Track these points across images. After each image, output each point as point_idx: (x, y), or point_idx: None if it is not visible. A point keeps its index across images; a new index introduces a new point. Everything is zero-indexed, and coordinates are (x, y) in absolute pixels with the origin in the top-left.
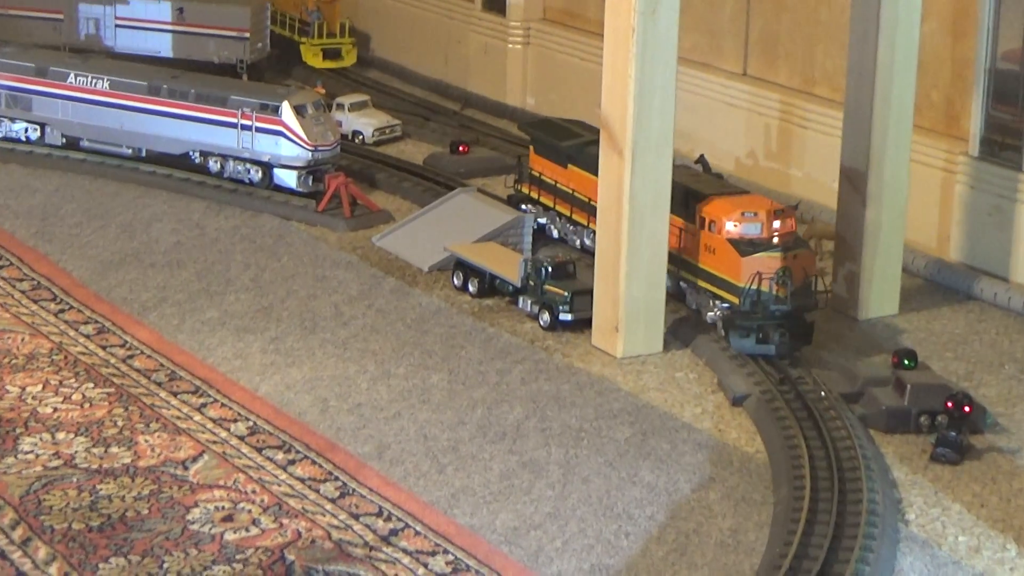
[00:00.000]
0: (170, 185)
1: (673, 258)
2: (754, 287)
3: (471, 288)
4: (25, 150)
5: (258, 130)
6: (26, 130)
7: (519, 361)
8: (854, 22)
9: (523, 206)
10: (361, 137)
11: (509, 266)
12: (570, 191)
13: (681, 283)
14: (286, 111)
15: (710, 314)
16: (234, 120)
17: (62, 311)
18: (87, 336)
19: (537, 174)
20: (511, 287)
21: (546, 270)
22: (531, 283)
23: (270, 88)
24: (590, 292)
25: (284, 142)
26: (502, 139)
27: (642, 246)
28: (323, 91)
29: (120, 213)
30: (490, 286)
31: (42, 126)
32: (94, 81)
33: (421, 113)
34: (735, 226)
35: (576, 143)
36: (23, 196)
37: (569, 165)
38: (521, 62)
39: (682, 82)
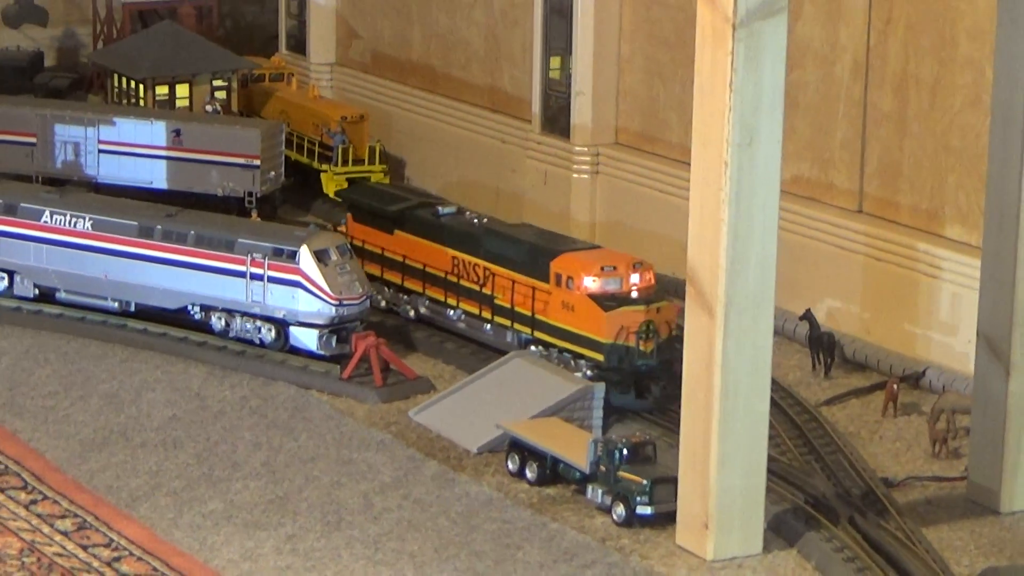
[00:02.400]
0: (164, 346)
1: (521, 317)
2: (621, 342)
3: (529, 474)
4: None
5: (271, 280)
6: None
7: (588, 565)
8: (993, 149)
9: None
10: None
11: (575, 448)
12: (400, 258)
13: (532, 346)
14: (305, 257)
15: (576, 374)
16: (242, 268)
17: (34, 502)
18: (64, 533)
19: (359, 243)
20: (578, 473)
21: (621, 453)
22: (602, 469)
23: (285, 229)
24: (674, 480)
25: (302, 295)
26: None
27: (737, 425)
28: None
29: (104, 381)
30: (552, 472)
31: (10, 274)
32: (74, 220)
33: None
34: (594, 281)
35: (403, 207)
36: None
37: (396, 231)
38: (588, 194)
39: (784, 221)
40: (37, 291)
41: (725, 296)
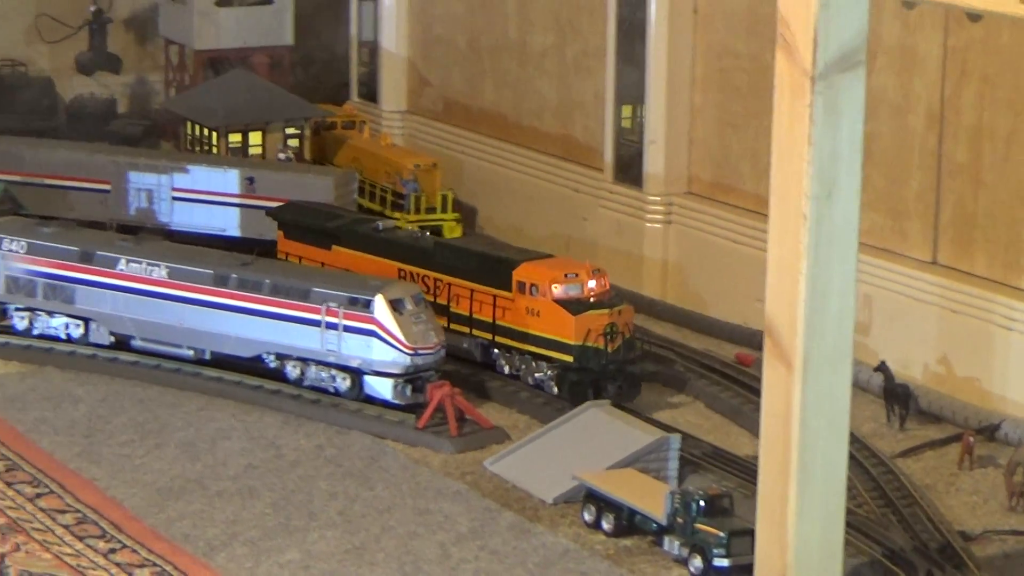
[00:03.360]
0: (239, 395)
1: (481, 324)
2: (590, 343)
3: (605, 525)
4: (65, 351)
5: (346, 329)
6: (67, 326)
7: None
8: None
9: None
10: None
11: (652, 499)
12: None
13: (494, 350)
14: (380, 307)
15: (538, 375)
16: (318, 317)
17: (113, 551)
18: None
19: (295, 259)
20: (655, 525)
21: (697, 505)
22: (679, 520)
23: (361, 279)
24: (751, 532)
25: (377, 344)
26: (640, 338)
27: (815, 478)
28: None
29: (180, 429)
30: (629, 523)
31: (86, 322)
32: (150, 268)
33: None
34: (558, 288)
35: (343, 222)
36: (64, 407)
37: (334, 246)
38: (661, 243)
39: (858, 272)
40: (113, 338)
41: (804, 349)
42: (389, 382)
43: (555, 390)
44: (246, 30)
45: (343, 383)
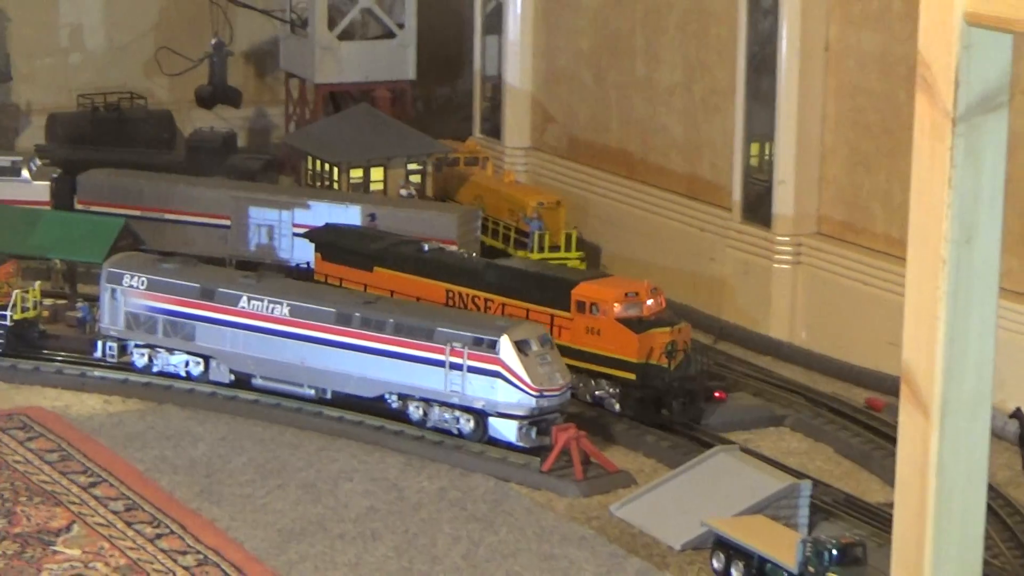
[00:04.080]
0: (361, 435)
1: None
2: (653, 361)
3: (735, 573)
4: (185, 388)
5: (471, 370)
6: (187, 364)
7: None
8: None
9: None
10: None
11: (783, 547)
12: (388, 295)
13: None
14: (505, 347)
15: (598, 393)
16: (441, 357)
17: None
18: None
19: (336, 281)
20: (786, 573)
21: (830, 553)
22: (811, 569)
23: (486, 319)
24: None
25: (502, 385)
26: (768, 382)
27: (952, 527)
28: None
29: (301, 469)
30: (759, 571)
31: (206, 359)
32: (271, 306)
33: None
34: (620, 307)
35: (386, 244)
36: (183, 446)
37: (376, 268)
38: (790, 285)
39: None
40: (233, 376)
41: (941, 397)
42: (514, 424)
43: (617, 407)
44: (368, 64)
45: (467, 425)
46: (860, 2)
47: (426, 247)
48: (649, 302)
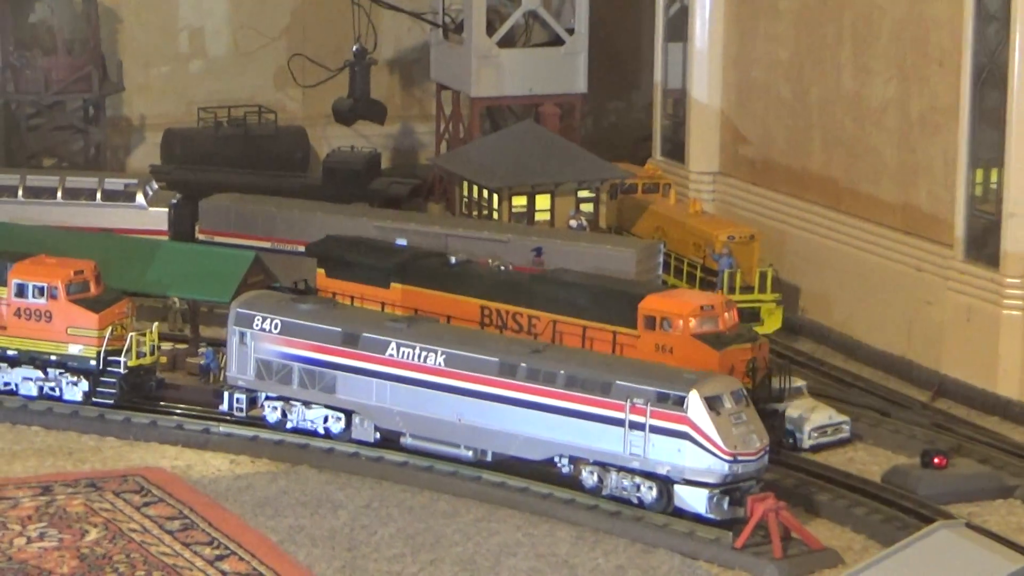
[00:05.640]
0: (526, 504)
1: None
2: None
3: None
4: (324, 447)
5: (654, 430)
6: (326, 419)
7: None
8: None
9: None
10: (794, 440)
11: None
12: (412, 313)
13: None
14: (695, 404)
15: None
16: (620, 415)
17: None
18: None
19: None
20: None
21: None
22: None
23: (672, 371)
24: None
25: (690, 448)
26: (995, 447)
27: None
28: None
29: (457, 543)
30: None
31: (348, 415)
32: (424, 354)
33: (876, 406)
34: (695, 321)
35: (405, 257)
36: (322, 514)
37: (393, 284)
38: (1021, 335)
39: None
40: (379, 435)
41: None
42: (703, 493)
43: None
44: (532, 75)
45: (649, 493)
46: None
47: (453, 259)
48: (726, 315)
